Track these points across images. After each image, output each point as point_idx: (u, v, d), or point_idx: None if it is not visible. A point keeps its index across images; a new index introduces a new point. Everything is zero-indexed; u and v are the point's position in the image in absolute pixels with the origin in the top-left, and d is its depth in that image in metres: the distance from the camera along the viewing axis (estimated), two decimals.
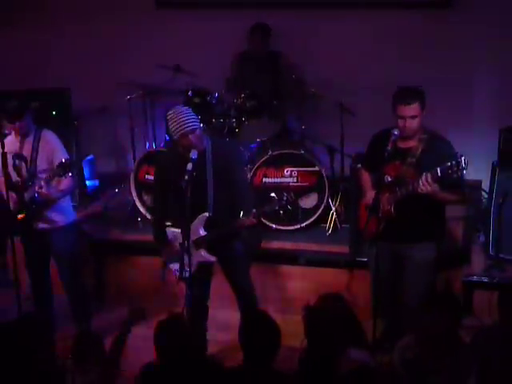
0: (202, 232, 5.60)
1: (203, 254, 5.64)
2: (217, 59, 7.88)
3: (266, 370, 4.32)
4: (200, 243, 5.60)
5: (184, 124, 5.40)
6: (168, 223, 5.80)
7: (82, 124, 7.99)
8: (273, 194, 5.67)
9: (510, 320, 4.68)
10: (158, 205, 5.98)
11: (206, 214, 5.55)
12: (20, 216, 5.98)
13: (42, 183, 5.81)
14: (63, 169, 5.71)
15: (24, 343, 4.52)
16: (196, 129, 5.45)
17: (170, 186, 5.61)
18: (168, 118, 5.50)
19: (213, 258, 5.69)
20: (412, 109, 5.27)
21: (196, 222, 5.55)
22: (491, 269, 6.34)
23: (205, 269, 5.72)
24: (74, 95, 7.82)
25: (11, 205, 5.88)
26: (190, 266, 5.45)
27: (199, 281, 5.65)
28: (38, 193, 5.84)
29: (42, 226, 6.11)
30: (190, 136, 5.41)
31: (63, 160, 5.75)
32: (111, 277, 7.22)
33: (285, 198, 5.54)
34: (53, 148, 6.05)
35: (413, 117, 5.29)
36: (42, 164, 6.00)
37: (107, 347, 4.80)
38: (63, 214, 6.20)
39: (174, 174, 5.48)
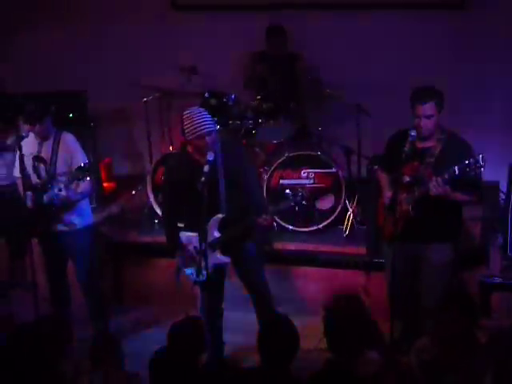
0: (217, 234, 5.58)
1: (218, 256, 5.63)
2: (234, 60, 7.89)
3: (284, 372, 4.31)
4: (215, 245, 5.58)
5: (201, 126, 5.40)
6: (180, 225, 5.78)
7: (98, 126, 8.02)
8: (287, 191, 5.67)
9: None
10: (168, 207, 5.94)
11: (220, 216, 5.54)
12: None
13: (62, 186, 5.84)
14: (82, 172, 5.74)
15: (42, 344, 4.54)
16: (212, 131, 5.46)
17: (182, 188, 5.59)
18: (184, 117, 5.49)
19: (228, 260, 5.69)
20: (427, 108, 5.27)
21: (210, 223, 5.54)
22: (508, 270, 6.31)
23: (219, 271, 5.71)
24: (91, 97, 7.85)
25: (30, 206, 5.94)
26: (206, 269, 5.45)
27: (214, 283, 5.64)
28: (57, 195, 5.88)
29: (60, 228, 6.14)
30: (207, 138, 5.42)
31: (82, 164, 5.79)
32: (129, 278, 7.25)
33: (300, 194, 5.54)
34: (72, 151, 6.08)
35: (428, 116, 5.28)
36: (61, 167, 6.02)
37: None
38: (81, 217, 6.22)
39: (187, 176, 5.48)
